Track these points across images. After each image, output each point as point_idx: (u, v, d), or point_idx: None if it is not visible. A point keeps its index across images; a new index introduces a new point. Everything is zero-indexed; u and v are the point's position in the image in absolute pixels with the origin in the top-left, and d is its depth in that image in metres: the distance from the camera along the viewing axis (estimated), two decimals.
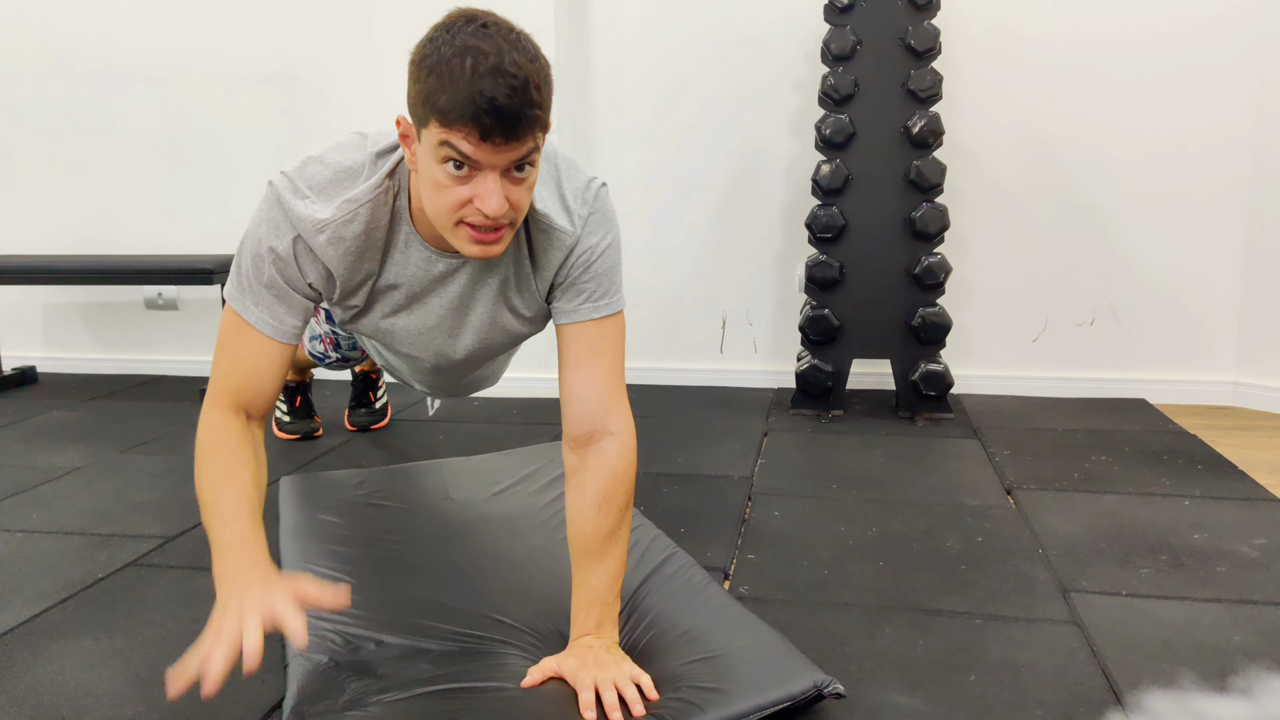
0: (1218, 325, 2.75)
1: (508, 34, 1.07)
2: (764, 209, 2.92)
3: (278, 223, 1.23)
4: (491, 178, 1.09)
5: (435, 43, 1.06)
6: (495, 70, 1.03)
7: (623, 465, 1.28)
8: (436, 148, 1.08)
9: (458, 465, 2.04)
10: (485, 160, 1.07)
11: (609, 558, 1.25)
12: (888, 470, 2.15)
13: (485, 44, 1.04)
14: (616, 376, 1.32)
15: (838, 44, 2.55)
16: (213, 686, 1.01)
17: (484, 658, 1.26)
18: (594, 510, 1.25)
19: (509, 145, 1.06)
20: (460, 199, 1.10)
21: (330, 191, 1.23)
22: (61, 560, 1.70)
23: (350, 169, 1.24)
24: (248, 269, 1.25)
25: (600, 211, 1.31)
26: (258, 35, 3.04)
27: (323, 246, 1.23)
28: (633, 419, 1.32)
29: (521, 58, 1.05)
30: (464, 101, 1.03)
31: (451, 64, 1.04)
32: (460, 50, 1.04)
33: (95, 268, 2.89)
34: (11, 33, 3.19)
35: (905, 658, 1.32)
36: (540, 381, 2.87)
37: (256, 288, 1.25)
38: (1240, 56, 2.61)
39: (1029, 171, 2.77)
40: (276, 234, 1.23)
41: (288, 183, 1.24)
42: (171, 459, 2.30)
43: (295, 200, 1.22)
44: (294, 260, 1.24)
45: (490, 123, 1.04)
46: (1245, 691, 1.21)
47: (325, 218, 1.22)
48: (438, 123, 1.06)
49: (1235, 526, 1.78)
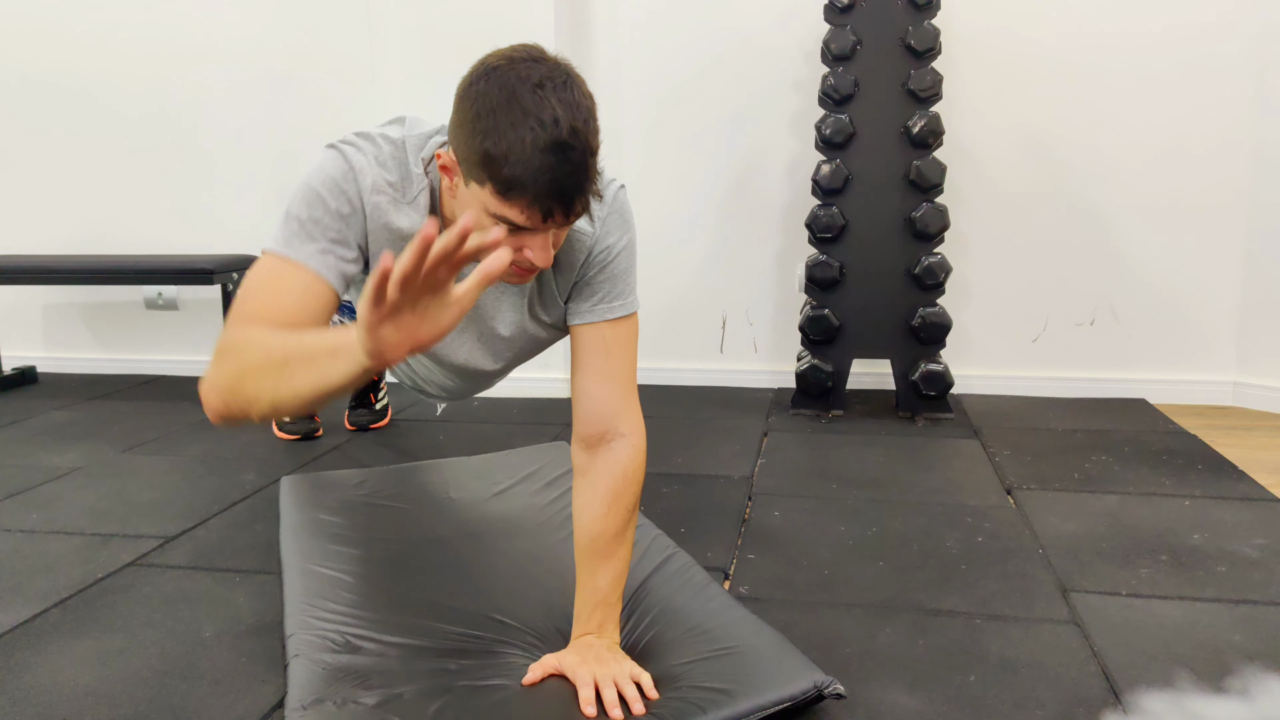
0: (1217, 325, 2.75)
1: (562, 91, 1.02)
2: (764, 209, 2.92)
3: (343, 170, 1.16)
4: (542, 237, 1.07)
5: (489, 99, 1.01)
6: (556, 146, 1.00)
7: (633, 467, 1.28)
8: (490, 210, 1.04)
9: (459, 465, 2.04)
10: (541, 228, 1.06)
11: (614, 558, 1.25)
12: (888, 470, 2.15)
13: (543, 110, 1.00)
14: (629, 378, 1.32)
15: (838, 44, 2.55)
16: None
17: (484, 657, 1.26)
18: (603, 510, 1.25)
19: (568, 220, 1.06)
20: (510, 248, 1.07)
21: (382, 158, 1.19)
22: (61, 560, 1.70)
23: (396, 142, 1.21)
24: (300, 210, 1.13)
25: (618, 212, 1.31)
26: (258, 35, 3.04)
27: (373, 207, 1.16)
28: (643, 420, 1.32)
29: (579, 121, 1.02)
30: (525, 181, 1.00)
31: (509, 132, 1.00)
32: (518, 116, 1.00)
33: (95, 268, 2.89)
34: (12, 33, 3.19)
35: (905, 658, 1.32)
36: (541, 381, 2.87)
37: (310, 226, 1.13)
38: (1240, 57, 2.61)
39: (1029, 171, 2.77)
40: (343, 177, 1.16)
41: (351, 147, 1.18)
42: (171, 459, 2.30)
43: (356, 156, 1.17)
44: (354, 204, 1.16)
45: (552, 204, 1.02)
46: (1243, 692, 1.21)
47: (384, 183, 1.16)
48: (495, 193, 1.03)
49: (1235, 526, 1.78)
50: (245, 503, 1.99)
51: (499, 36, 2.73)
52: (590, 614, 1.24)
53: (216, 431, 2.54)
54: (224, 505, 1.97)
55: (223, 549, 1.74)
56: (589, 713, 1.11)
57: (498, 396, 2.87)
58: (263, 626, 1.43)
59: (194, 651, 1.36)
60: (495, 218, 1.05)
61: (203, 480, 2.14)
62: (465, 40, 2.70)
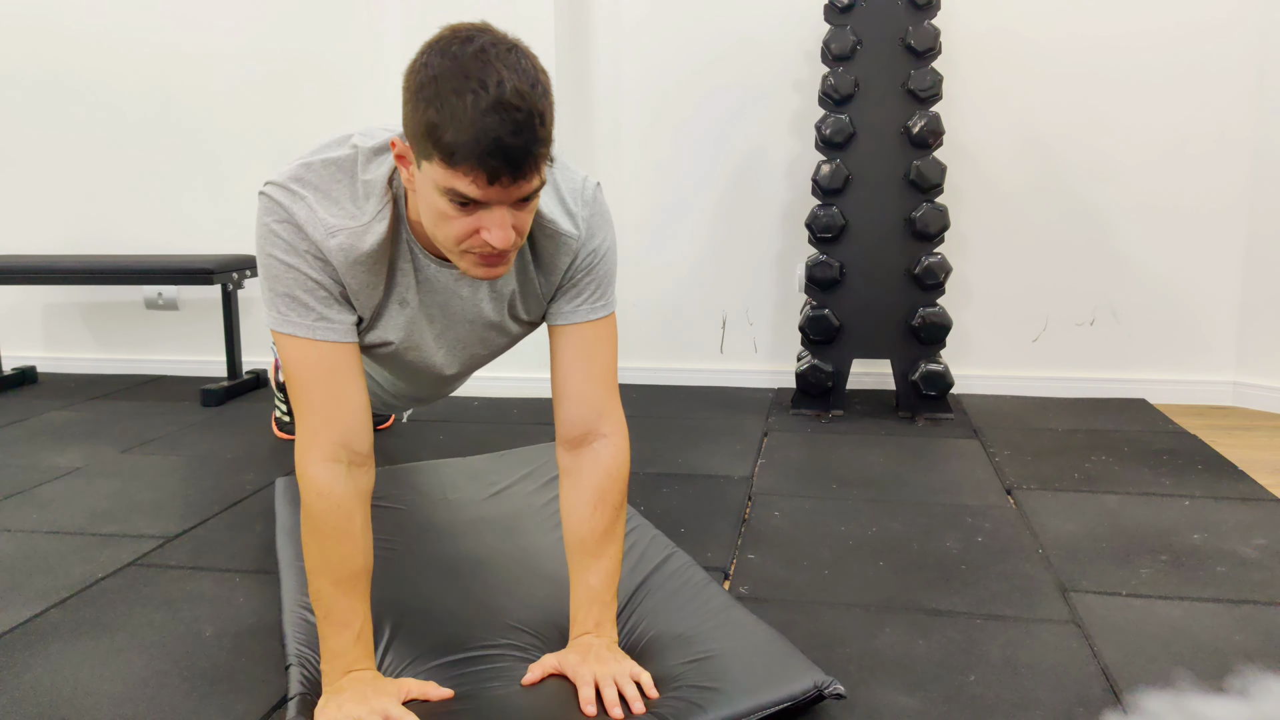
0: (1218, 325, 2.75)
1: (506, 56, 1.01)
2: (764, 209, 2.92)
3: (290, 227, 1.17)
4: (499, 212, 1.06)
5: (431, 68, 1.01)
6: (498, 105, 0.98)
7: (616, 465, 1.28)
8: (440, 185, 1.04)
9: (456, 466, 2.04)
10: (493, 199, 1.04)
11: (605, 557, 1.26)
12: (888, 470, 2.15)
13: (486, 73, 0.99)
14: (610, 378, 1.31)
15: (838, 44, 2.55)
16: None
17: (483, 657, 1.26)
18: (589, 510, 1.26)
19: (516, 184, 1.03)
20: (466, 230, 1.07)
21: (328, 189, 1.18)
22: (61, 560, 1.70)
23: (341, 162, 1.20)
24: (280, 287, 1.18)
25: (600, 213, 1.31)
26: (258, 35, 3.05)
27: (333, 251, 1.17)
28: (624, 419, 1.32)
29: (524, 84, 1.00)
30: (468, 143, 0.99)
31: (451, 98, 0.99)
32: (460, 81, 0.99)
33: (95, 268, 2.89)
34: (12, 33, 3.19)
35: (905, 658, 1.32)
36: (541, 381, 2.87)
37: (295, 300, 1.18)
38: (1240, 57, 2.61)
39: (1029, 171, 2.77)
40: (294, 239, 1.17)
41: (282, 190, 1.18)
42: (171, 459, 2.30)
43: (296, 204, 1.17)
44: (314, 260, 1.18)
45: (497, 165, 1.00)
46: (1243, 692, 1.21)
47: (337, 224, 1.17)
48: (441, 162, 1.02)
49: (1235, 526, 1.78)
50: (245, 503, 1.99)
51: None
52: (586, 613, 1.25)
53: (216, 431, 2.55)
54: (224, 505, 1.97)
55: (223, 549, 1.74)
56: (589, 712, 1.11)
57: (497, 396, 2.87)
58: (263, 626, 1.43)
59: (194, 651, 1.36)
60: (448, 195, 1.04)
61: (203, 480, 2.14)
62: None
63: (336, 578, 1.15)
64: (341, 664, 1.14)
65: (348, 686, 1.12)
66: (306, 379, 1.19)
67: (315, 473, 1.16)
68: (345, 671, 1.14)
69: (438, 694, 1.15)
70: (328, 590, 1.15)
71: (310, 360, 1.19)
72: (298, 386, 1.19)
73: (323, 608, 1.16)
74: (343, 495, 1.16)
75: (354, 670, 1.14)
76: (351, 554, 1.16)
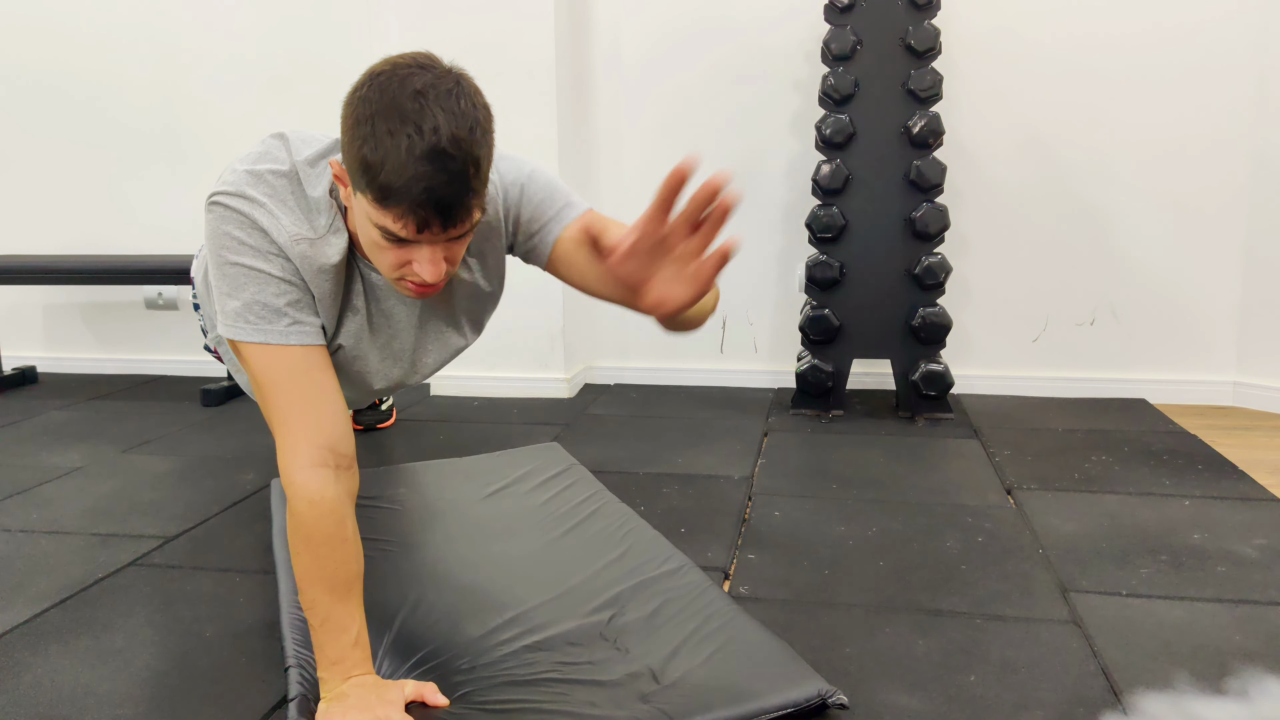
0: (1218, 325, 2.75)
1: (444, 99, 1.00)
2: (764, 209, 2.92)
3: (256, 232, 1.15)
4: (429, 249, 1.05)
5: (369, 104, 1.00)
6: (432, 153, 0.97)
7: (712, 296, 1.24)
8: (371, 221, 1.03)
9: (453, 466, 2.04)
10: (424, 241, 1.04)
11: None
12: (888, 470, 2.15)
13: (422, 117, 0.98)
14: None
15: (838, 44, 2.55)
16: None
17: (480, 658, 1.26)
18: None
19: (446, 231, 1.03)
20: (399, 261, 1.07)
21: (281, 197, 1.17)
22: (61, 560, 1.70)
23: (284, 173, 1.19)
24: (245, 294, 1.16)
25: (502, 161, 1.29)
26: (258, 35, 3.05)
27: (299, 258, 1.17)
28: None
29: (461, 130, 0.99)
30: (400, 189, 0.98)
31: (385, 139, 0.98)
32: (395, 123, 0.98)
33: (95, 268, 2.89)
34: (12, 33, 3.19)
35: (905, 658, 1.32)
36: (541, 381, 2.87)
37: (265, 307, 1.16)
38: (1240, 57, 2.61)
39: (1029, 171, 2.77)
40: (261, 243, 1.16)
41: (237, 198, 1.16)
42: (171, 459, 2.30)
43: (257, 210, 1.16)
44: (284, 264, 1.18)
45: (427, 215, 1.00)
46: (1243, 693, 1.21)
47: (299, 232, 1.16)
48: (374, 201, 1.01)
49: (1235, 526, 1.78)
50: (245, 503, 1.99)
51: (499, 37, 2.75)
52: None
53: (216, 431, 2.55)
54: (224, 505, 1.97)
55: (222, 549, 1.74)
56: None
57: (497, 396, 2.87)
58: (263, 626, 1.43)
59: (194, 651, 1.36)
60: (378, 228, 1.04)
61: (203, 480, 2.14)
62: (465, 41, 2.70)
63: (332, 584, 1.13)
64: (341, 670, 1.13)
65: (350, 692, 1.11)
66: (284, 386, 1.16)
67: (304, 479, 1.14)
68: (346, 677, 1.13)
69: (434, 699, 1.13)
70: (323, 598, 1.13)
71: (285, 366, 1.16)
72: (275, 395, 1.16)
73: (319, 615, 1.13)
74: (334, 500, 1.14)
75: (354, 675, 1.13)
76: (346, 559, 1.14)
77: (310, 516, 1.13)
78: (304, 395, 1.16)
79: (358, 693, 1.11)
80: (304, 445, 1.15)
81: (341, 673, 1.13)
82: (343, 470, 1.17)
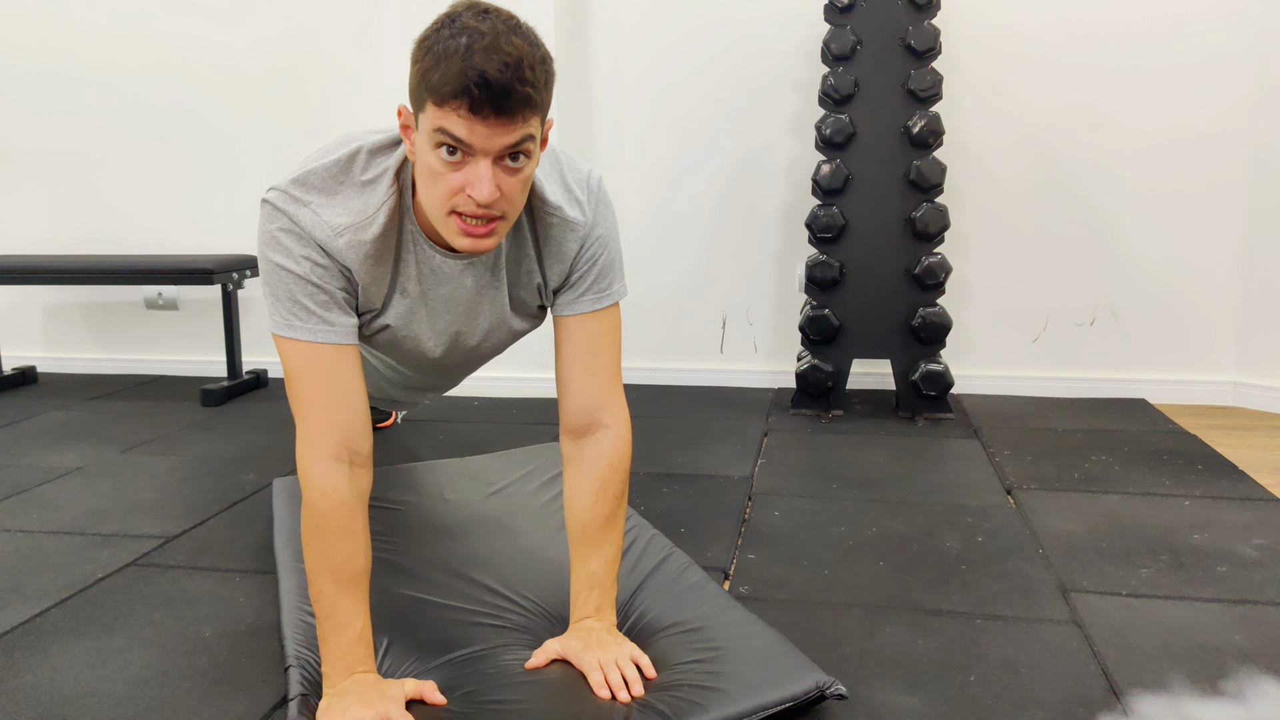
0: (1218, 325, 2.75)
1: (509, 20, 1.08)
2: (764, 209, 2.92)
3: (292, 234, 1.19)
4: (484, 164, 1.08)
5: (436, 27, 1.08)
6: (490, 48, 1.03)
7: (618, 457, 1.31)
8: (431, 132, 1.08)
9: (453, 466, 2.04)
10: (478, 144, 1.06)
11: (606, 544, 1.29)
12: (888, 470, 2.15)
13: (484, 25, 1.05)
14: (614, 370, 1.33)
15: (838, 44, 2.55)
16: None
17: (482, 658, 1.26)
18: (590, 499, 1.29)
19: (500, 123, 1.06)
20: (453, 187, 1.10)
21: (332, 190, 1.21)
22: (61, 560, 1.70)
23: (342, 162, 1.22)
24: (281, 292, 1.20)
25: (604, 203, 1.33)
26: (259, 34, 3.05)
27: (342, 251, 1.20)
28: (628, 410, 1.34)
29: (520, 40, 1.06)
30: (456, 76, 1.03)
31: (448, 45, 1.05)
32: (458, 32, 1.05)
33: (95, 268, 2.89)
34: (12, 32, 3.19)
35: (905, 658, 1.32)
36: (540, 381, 2.87)
37: (297, 304, 1.20)
38: (1241, 57, 2.61)
39: (1029, 171, 2.77)
40: (295, 245, 1.19)
41: (285, 196, 1.20)
42: (171, 459, 2.30)
43: (300, 210, 1.19)
44: (320, 266, 1.20)
45: (481, 96, 1.03)
46: (1242, 693, 1.21)
47: (342, 223, 1.19)
48: (432, 102, 1.06)
49: (1235, 526, 1.78)
50: (245, 503, 1.99)
51: None
52: (587, 597, 1.28)
53: (216, 431, 2.55)
54: (224, 505, 1.97)
55: (223, 549, 1.74)
56: (603, 694, 1.16)
57: (497, 396, 2.88)
58: (263, 626, 1.43)
59: (194, 651, 1.36)
60: (436, 142, 1.07)
61: (203, 480, 2.14)
62: None
63: (339, 577, 1.16)
64: (344, 665, 1.15)
65: (351, 689, 1.13)
66: (308, 381, 1.20)
67: (318, 471, 1.17)
68: (348, 673, 1.15)
69: (434, 697, 1.16)
70: (330, 591, 1.16)
71: (312, 363, 1.20)
72: (300, 388, 1.21)
73: (324, 608, 1.16)
74: (346, 494, 1.18)
75: (356, 672, 1.15)
76: (354, 553, 1.17)
77: (322, 507, 1.16)
78: (327, 391, 1.20)
79: (358, 690, 1.13)
80: (322, 439, 1.19)
81: (344, 669, 1.15)
82: (357, 467, 1.20)
